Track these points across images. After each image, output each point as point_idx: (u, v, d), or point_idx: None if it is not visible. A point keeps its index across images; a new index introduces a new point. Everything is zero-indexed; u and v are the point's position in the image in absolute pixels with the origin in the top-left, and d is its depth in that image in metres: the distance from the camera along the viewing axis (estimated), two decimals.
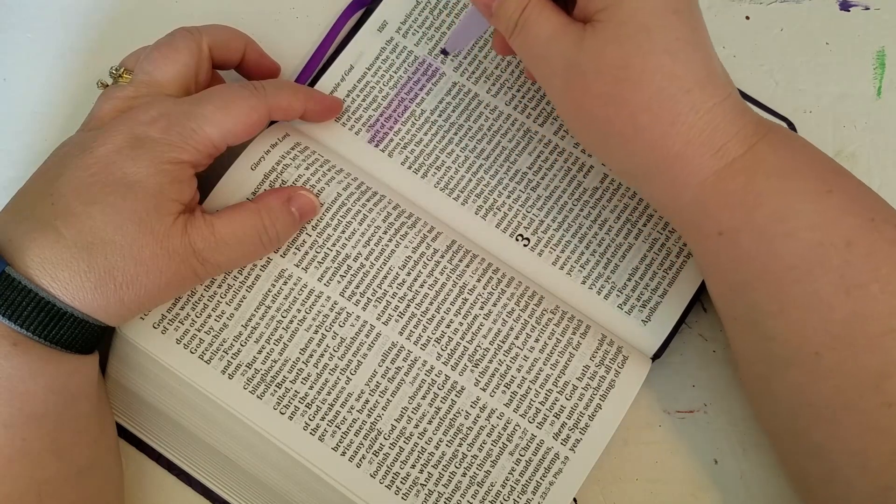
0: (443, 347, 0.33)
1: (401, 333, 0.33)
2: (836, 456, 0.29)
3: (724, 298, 0.32)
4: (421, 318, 0.34)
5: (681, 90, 0.29)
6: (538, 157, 0.38)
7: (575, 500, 0.34)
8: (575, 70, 0.30)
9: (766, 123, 0.31)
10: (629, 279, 0.36)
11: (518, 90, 0.39)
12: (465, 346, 0.33)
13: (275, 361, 0.33)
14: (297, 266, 0.34)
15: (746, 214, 0.29)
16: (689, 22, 0.29)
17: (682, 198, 0.30)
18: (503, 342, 0.34)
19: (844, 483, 0.29)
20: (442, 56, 0.39)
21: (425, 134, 0.38)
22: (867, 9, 0.41)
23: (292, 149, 0.36)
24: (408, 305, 0.34)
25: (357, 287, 0.34)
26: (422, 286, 0.34)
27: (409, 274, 0.34)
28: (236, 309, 0.33)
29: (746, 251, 0.30)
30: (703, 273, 0.32)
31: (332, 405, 0.33)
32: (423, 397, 0.33)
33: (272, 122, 0.36)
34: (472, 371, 0.33)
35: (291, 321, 0.33)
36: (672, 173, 0.30)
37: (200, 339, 0.33)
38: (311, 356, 0.33)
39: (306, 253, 0.34)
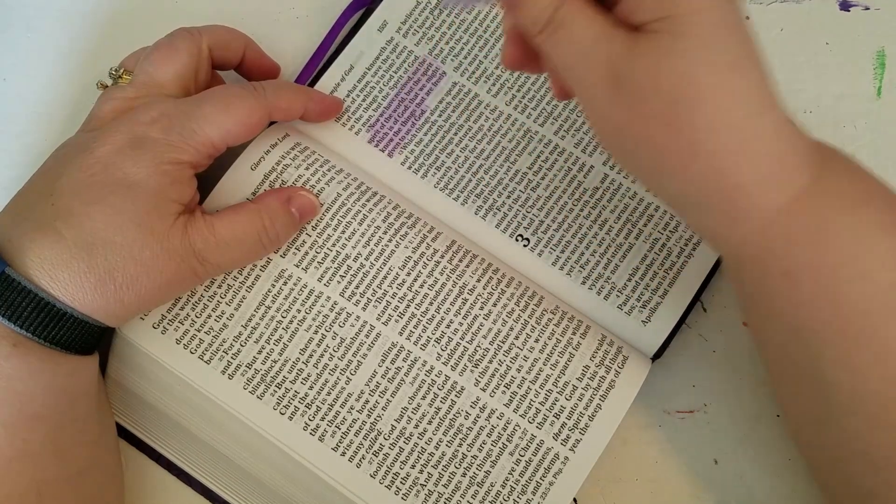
0: (443, 348, 0.33)
1: (401, 334, 0.33)
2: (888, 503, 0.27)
3: (778, 343, 0.29)
4: (421, 318, 0.34)
5: (748, 113, 0.26)
6: (538, 157, 0.38)
7: (575, 500, 0.34)
8: (625, 84, 0.26)
9: (822, 147, 0.28)
10: (629, 279, 0.36)
11: (518, 90, 0.39)
12: (465, 347, 0.33)
13: (275, 362, 0.33)
14: (297, 266, 0.34)
15: (816, 253, 0.27)
16: (749, 38, 0.26)
17: (742, 233, 0.27)
18: (503, 342, 0.34)
19: None
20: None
21: (425, 134, 0.38)
22: (867, 9, 0.41)
23: (292, 149, 0.36)
24: (408, 305, 0.34)
25: (357, 287, 0.34)
26: (422, 286, 0.34)
27: (409, 274, 0.34)
28: (236, 309, 0.33)
29: (813, 293, 0.27)
30: (751, 317, 0.29)
31: (332, 405, 0.33)
32: (423, 397, 0.33)
33: (272, 123, 0.36)
34: (471, 371, 0.33)
35: (291, 321, 0.33)
36: (732, 206, 0.27)
37: (200, 339, 0.33)
38: (311, 356, 0.33)
39: (306, 253, 0.34)
